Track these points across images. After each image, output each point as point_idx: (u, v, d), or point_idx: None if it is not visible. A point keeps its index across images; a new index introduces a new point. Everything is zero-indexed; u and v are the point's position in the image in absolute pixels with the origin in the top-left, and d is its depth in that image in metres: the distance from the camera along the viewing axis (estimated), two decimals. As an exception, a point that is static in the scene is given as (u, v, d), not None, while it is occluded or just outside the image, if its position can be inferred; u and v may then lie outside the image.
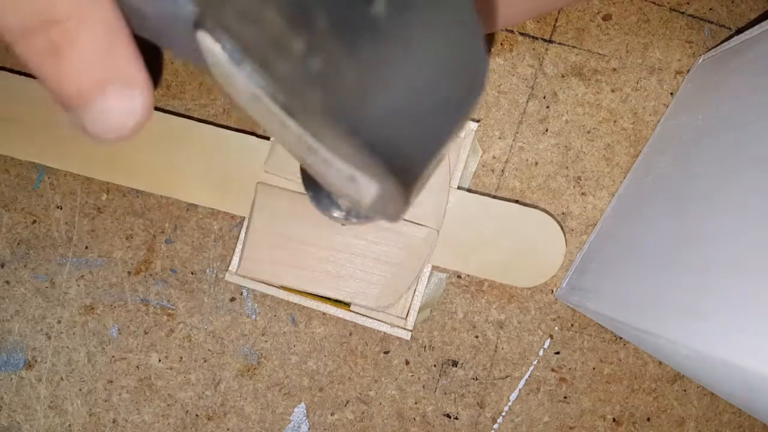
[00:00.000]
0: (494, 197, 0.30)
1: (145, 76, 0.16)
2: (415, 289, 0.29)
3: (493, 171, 0.31)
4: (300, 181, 0.28)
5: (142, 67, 0.16)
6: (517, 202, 0.31)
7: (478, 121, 0.30)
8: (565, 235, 0.30)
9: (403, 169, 0.14)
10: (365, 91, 0.12)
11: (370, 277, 0.28)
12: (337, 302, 0.29)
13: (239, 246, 0.29)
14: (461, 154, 0.29)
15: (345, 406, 0.31)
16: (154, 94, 0.16)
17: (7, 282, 0.30)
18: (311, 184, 0.24)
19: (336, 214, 0.24)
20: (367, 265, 0.28)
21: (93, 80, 0.15)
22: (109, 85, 0.15)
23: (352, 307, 0.29)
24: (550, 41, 0.31)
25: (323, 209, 0.24)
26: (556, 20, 0.31)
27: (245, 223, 0.29)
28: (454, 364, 0.31)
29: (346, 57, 0.12)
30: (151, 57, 0.18)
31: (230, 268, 0.29)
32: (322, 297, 0.29)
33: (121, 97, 0.16)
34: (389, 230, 0.28)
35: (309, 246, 0.28)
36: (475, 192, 0.30)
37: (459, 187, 0.29)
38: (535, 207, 0.30)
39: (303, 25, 0.11)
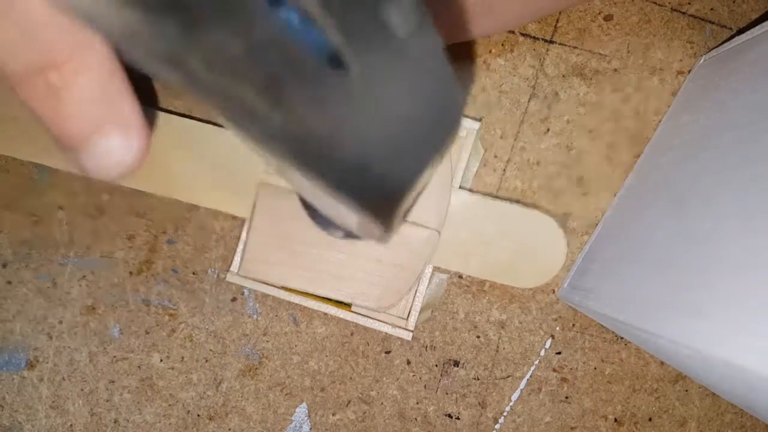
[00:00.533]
0: (496, 197, 0.30)
1: (141, 115, 0.16)
2: (416, 290, 0.29)
3: (494, 170, 0.31)
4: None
5: (137, 107, 0.16)
6: (518, 202, 0.31)
7: (480, 119, 0.30)
8: (566, 236, 0.30)
9: (377, 204, 0.14)
10: (335, 142, 0.13)
11: (371, 278, 0.28)
12: (338, 303, 0.29)
13: (240, 246, 0.29)
14: (463, 154, 0.29)
15: (346, 406, 0.31)
16: (149, 132, 0.16)
17: (9, 282, 0.30)
18: (307, 203, 0.25)
19: (333, 232, 0.25)
20: (369, 266, 0.28)
21: (90, 121, 0.16)
22: (106, 126, 0.16)
23: (353, 308, 0.29)
24: (551, 42, 0.31)
25: (321, 227, 0.25)
26: (557, 21, 0.31)
27: (246, 224, 0.29)
28: (456, 364, 0.31)
29: (317, 118, 0.12)
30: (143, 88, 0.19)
31: (231, 269, 0.29)
32: (323, 298, 0.29)
33: (118, 137, 0.16)
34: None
35: (310, 247, 0.28)
36: (477, 192, 0.30)
37: (461, 187, 0.29)
38: (537, 207, 0.30)
39: (276, 101, 0.12)
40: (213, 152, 0.29)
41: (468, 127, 0.29)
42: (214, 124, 0.29)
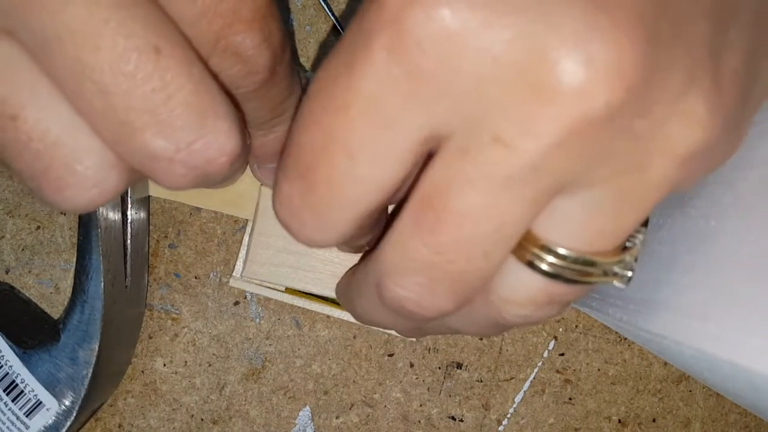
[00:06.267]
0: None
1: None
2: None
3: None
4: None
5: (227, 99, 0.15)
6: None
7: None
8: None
9: None
10: None
11: None
12: (341, 304, 0.29)
13: (243, 250, 0.29)
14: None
15: (350, 409, 0.31)
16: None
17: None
18: None
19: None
20: None
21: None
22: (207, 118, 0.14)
23: (356, 310, 0.29)
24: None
25: None
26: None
27: (249, 227, 0.29)
28: (459, 366, 0.31)
29: None
30: None
31: (234, 273, 0.29)
32: (326, 299, 0.29)
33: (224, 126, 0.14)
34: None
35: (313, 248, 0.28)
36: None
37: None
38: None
39: None
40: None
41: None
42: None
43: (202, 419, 0.30)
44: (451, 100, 0.13)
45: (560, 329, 0.31)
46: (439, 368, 0.31)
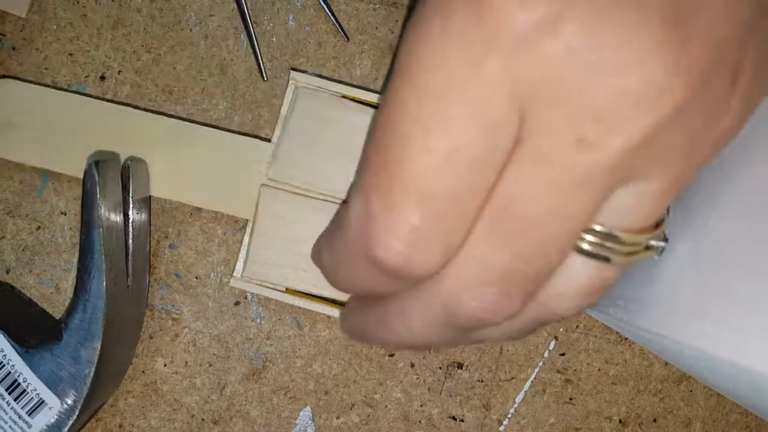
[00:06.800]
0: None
1: None
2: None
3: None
4: (304, 183, 0.28)
5: None
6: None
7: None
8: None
9: None
10: None
11: None
12: (342, 305, 0.29)
13: (243, 250, 0.29)
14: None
15: (350, 409, 0.31)
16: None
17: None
18: None
19: None
20: None
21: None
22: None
23: (356, 310, 0.29)
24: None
25: None
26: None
27: (249, 227, 0.29)
28: (460, 366, 0.31)
29: None
30: None
31: (235, 274, 0.29)
32: (327, 299, 0.29)
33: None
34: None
35: (313, 249, 0.28)
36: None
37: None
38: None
39: None
40: (215, 155, 0.29)
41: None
42: (216, 127, 0.29)
43: (202, 419, 0.30)
44: (539, 103, 0.14)
45: (561, 329, 0.31)
46: (440, 368, 0.31)
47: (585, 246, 0.16)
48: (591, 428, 0.31)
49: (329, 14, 0.30)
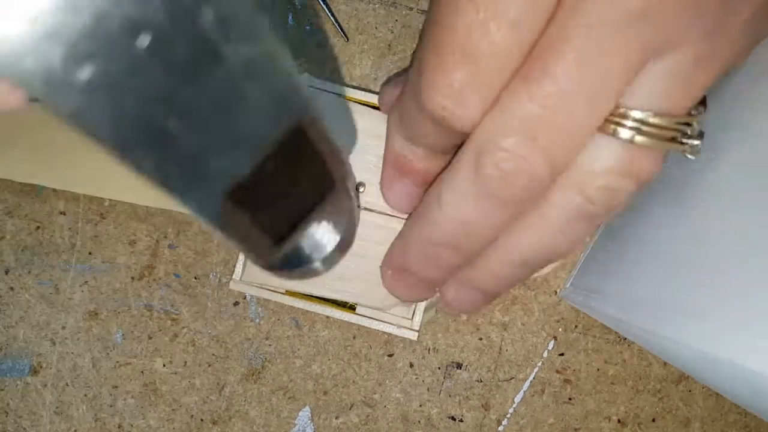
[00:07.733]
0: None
1: None
2: (418, 292, 0.29)
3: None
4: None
5: None
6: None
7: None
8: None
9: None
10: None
11: (375, 278, 0.28)
12: (341, 305, 0.29)
13: (242, 252, 0.29)
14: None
15: (350, 409, 0.31)
16: None
17: (12, 288, 0.30)
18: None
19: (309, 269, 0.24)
20: (372, 266, 0.28)
21: None
22: None
23: (357, 309, 0.29)
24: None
25: (299, 275, 0.24)
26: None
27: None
28: (459, 366, 0.31)
29: None
30: None
31: (234, 276, 0.29)
32: (326, 300, 0.29)
33: None
34: (394, 231, 0.28)
35: (312, 249, 0.28)
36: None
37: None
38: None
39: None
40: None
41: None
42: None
43: (201, 419, 0.30)
44: None
45: (560, 329, 0.31)
46: (439, 368, 0.31)
47: (612, 127, 0.16)
48: (590, 428, 0.31)
49: (329, 14, 0.30)
